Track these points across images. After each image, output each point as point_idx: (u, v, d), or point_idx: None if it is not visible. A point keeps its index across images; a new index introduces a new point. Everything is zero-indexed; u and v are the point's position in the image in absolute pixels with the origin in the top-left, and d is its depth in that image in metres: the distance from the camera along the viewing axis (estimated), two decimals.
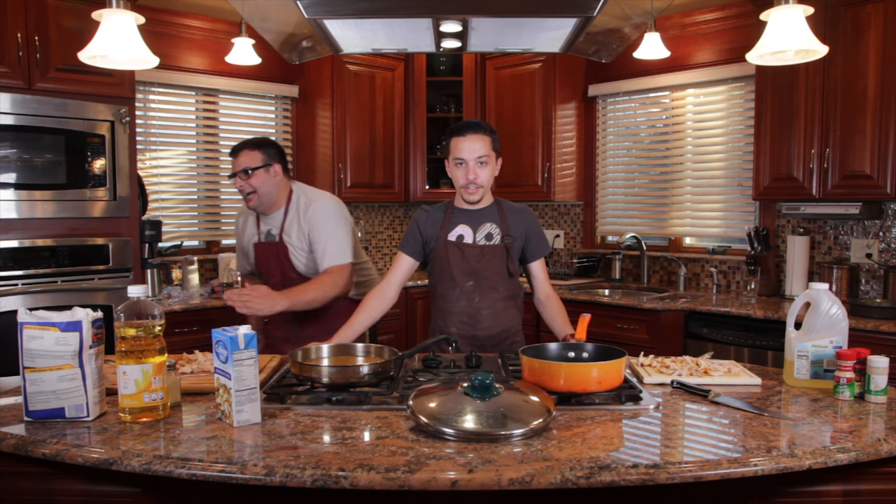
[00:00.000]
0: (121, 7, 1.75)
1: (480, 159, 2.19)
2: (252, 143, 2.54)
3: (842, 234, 3.50)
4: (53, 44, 2.95)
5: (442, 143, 4.84)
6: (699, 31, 3.96)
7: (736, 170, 3.90)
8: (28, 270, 2.92)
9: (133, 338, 1.49)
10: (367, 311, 2.24)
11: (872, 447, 1.36)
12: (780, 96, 3.36)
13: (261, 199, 2.53)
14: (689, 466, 1.25)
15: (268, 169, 2.50)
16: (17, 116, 2.86)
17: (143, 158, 3.92)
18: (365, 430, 1.45)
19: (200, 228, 4.26)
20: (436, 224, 2.30)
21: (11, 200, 2.88)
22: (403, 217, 5.20)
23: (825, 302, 1.77)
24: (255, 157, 2.49)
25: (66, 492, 1.44)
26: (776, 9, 1.81)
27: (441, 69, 4.76)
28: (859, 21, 3.06)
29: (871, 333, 2.80)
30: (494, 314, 2.28)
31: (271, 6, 2.10)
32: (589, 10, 1.92)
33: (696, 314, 3.39)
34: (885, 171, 3.02)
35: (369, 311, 2.24)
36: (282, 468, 1.23)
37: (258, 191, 2.51)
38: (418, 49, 2.47)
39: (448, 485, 1.20)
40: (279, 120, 4.58)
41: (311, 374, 1.70)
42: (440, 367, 1.97)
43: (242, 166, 2.49)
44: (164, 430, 1.45)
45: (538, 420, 1.41)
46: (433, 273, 2.34)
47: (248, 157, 2.49)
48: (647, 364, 1.94)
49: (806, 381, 1.78)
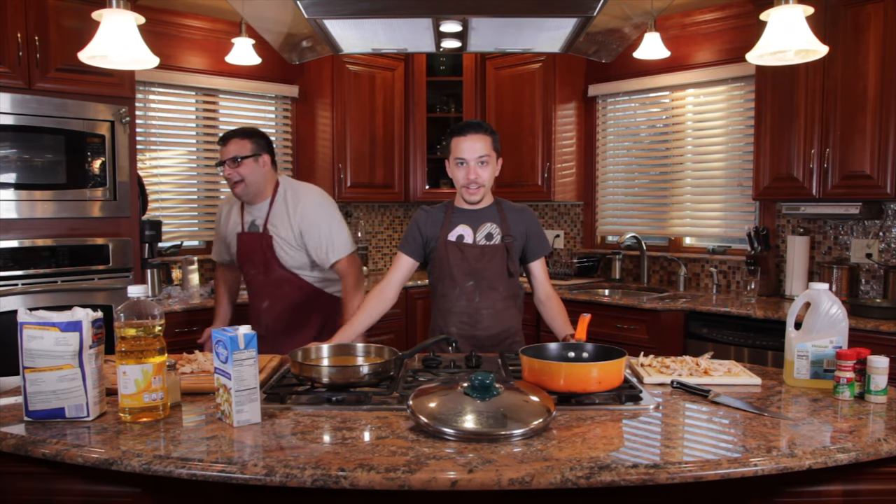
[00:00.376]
0: (121, 7, 1.75)
1: (481, 159, 2.19)
2: (242, 132, 2.57)
3: (842, 234, 3.50)
4: (53, 44, 2.95)
5: (442, 143, 4.84)
6: (699, 31, 3.96)
7: (736, 170, 3.90)
8: (28, 270, 2.92)
9: (133, 338, 1.49)
10: (367, 311, 2.24)
11: (872, 447, 1.36)
12: (780, 96, 3.35)
13: (247, 188, 2.54)
14: (689, 466, 1.25)
15: (256, 159, 2.52)
16: (17, 116, 2.86)
17: (142, 158, 3.92)
18: (365, 430, 1.45)
19: (200, 228, 4.26)
20: (436, 224, 2.30)
21: (11, 200, 2.88)
22: (403, 217, 5.20)
23: (825, 302, 1.77)
24: (244, 145, 2.52)
25: (66, 492, 1.44)
26: (776, 9, 1.81)
27: (441, 69, 4.76)
28: (859, 21, 3.06)
29: (871, 333, 2.80)
30: (494, 314, 2.28)
31: (271, 6, 2.10)
32: (589, 10, 1.92)
33: (696, 314, 3.39)
34: (885, 171, 3.02)
35: (369, 312, 2.24)
36: (282, 468, 1.23)
37: (245, 179, 2.52)
38: (418, 49, 2.47)
39: (448, 485, 1.20)
40: (279, 120, 4.58)
41: (311, 374, 1.70)
42: (440, 367, 1.97)
43: (231, 154, 2.51)
44: (164, 430, 1.45)
45: (538, 420, 1.41)
46: (433, 273, 2.34)
47: (237, 145, 2.51)
48: (647, 364, 1.94)
49: (806, 381, 1.78)
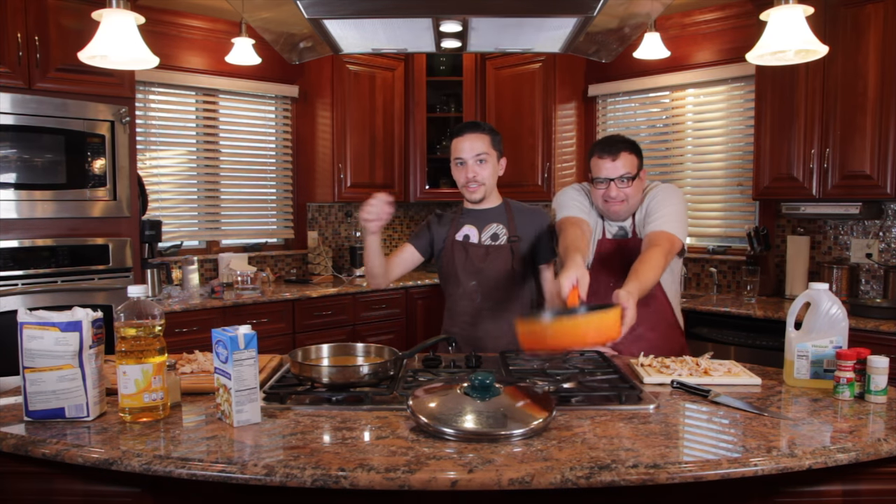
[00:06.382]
0: (121, 7, 1.75)
1: (479, 157, 2.20)
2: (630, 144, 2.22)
3: (842, 234, 3.50)
4: (53, 44, 2.95)
5: (442, 143, 4.84)
6: (699, 31, 3.96)
7: (736, 170, 3.90)
8: (28, 270, 2.92)
9: (133, 338, 1.49)
10: (383, 259, 2.19)
11: (872, 447, 1.36)
12: (780, 96, 3.35)
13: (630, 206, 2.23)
14: (689, 466, 1.25)
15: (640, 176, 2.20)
16: (17, 116, 2.87)
17: (143, 158, 3.92)
18: (365, 430, 1.45)
19: (200, 228, 4.26)
20: (445, 224, 2.34)
21: (11, 200, 2.88)
22: (403, 217, 5.20)
23: (825, 302, 1.77)
24: (633, 161, 2.18)
25: (66, 492, 1.44)
26: (776, 9, 1.81)
27: (441, 69, 4.76)
28: (859, 21, 3.06)
29: (871, 333, 2.80)
30: (497, 316, 2.27)
31: (271, 6, 2.10)
32: (589, 10, 1.92)
33: (696, 314, 3.38)
34: (885, 171, 3.03)
35: (383, 260, 2.20)
36: (282, 468, 1.23)
37: (629, 200, 2.19)
38: (418, 49, 2.47)
39: (448, 485, 1.20)
40: (279, 120, 4.58)
41: (311, 374, 1.70)
42: (440, 367, 1.97)
43: (620, 173, 2.14)
44: (164, 430, 1.45)
45: (538, 420, 1.41)
46: (441, 273, 2.37)
47: (627, 160, 2.15)
48: (647, 364, 1.94)
49: (806, 381, 1.78)
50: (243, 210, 4.46)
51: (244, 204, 4.46)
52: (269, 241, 4.60)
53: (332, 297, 3.97)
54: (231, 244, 4.42)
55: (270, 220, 4.61)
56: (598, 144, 2.21)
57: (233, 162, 4.38)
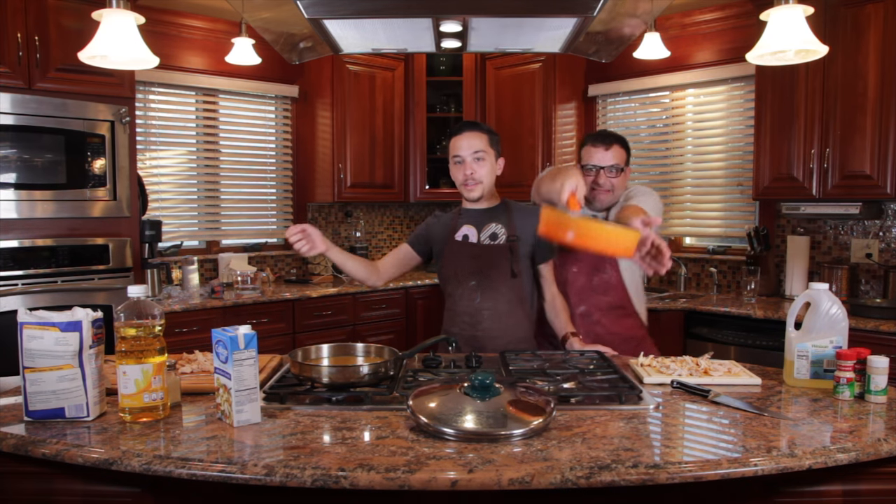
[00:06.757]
0: (121, 7, 1.75)
1: (476, 154, 2.21)
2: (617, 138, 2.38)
3: (842, 234, 3.50)
4: (53, 44, 2.95)
5: (442, 144, 4.84)
6: (699, 31, 3.96)
7: (736, 170, 3.91)
8: (28, 270, 2.92)
9: (133, 338, 1.49)
10: (360, 261, 2.34)
11: (872, 447, 1.36)
12: (780, 96, 3.36)
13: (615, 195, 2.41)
14: (689, 466, 1.25)
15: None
16: (17, 116, 2.87)
17: (143, 158, 3.92)
18: (365, 430, 1.45)
19: (200, 228, 4.26)
20: (445, 225, 2.35)
21: (11, 200, 2.88)
22: (403, 217, 5.20)
23: (825, 302, 1.77)
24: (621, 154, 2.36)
25: (66, 492, 1.44)
26: (776, 9, 1.81)
27: (441, 69, 4.76)
28: (859, 21, 3.06)
29: (871, 333, 2.80)
30: (496, 316, 2.27)
31: (271, 6, 2.09)
32: (589, 10, 1.92)
33: (696, 314, 3.39)
34: (885, 171, 3.03)
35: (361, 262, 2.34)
36: (282, 468, 1.23)
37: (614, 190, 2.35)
38: (418, 49, 2.47)
39: (448, 485, 1.20)
40: (279, 120, 4.58)
41: (311, 374, 1.70)
42: (440, 367, 1.97)
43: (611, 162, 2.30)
44: (164, 430, 1.45)
45: (538, 420, 1.41)
46: (441, 273, 2.37)
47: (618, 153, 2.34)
48: (647, 364, 1.94)
49: (806, 381, 1.78)
50: (243, 210, 4.46)
51: (244, 204, 4.46)
52: (269, 241, 4.60)
53: (332, 297, 3.97)
54: (231, 244, 4.42)
55: (270, 220, 4.61)
56: (592, 135, 2.39)
57: (233, 162, 4.38)
